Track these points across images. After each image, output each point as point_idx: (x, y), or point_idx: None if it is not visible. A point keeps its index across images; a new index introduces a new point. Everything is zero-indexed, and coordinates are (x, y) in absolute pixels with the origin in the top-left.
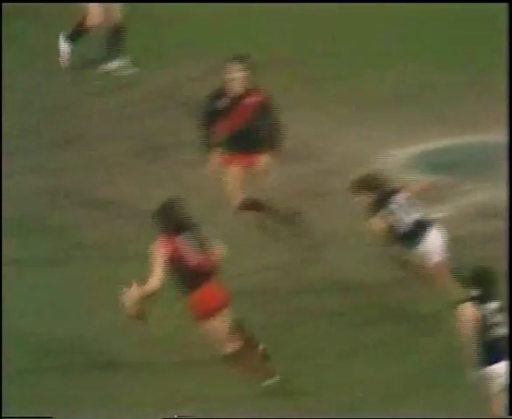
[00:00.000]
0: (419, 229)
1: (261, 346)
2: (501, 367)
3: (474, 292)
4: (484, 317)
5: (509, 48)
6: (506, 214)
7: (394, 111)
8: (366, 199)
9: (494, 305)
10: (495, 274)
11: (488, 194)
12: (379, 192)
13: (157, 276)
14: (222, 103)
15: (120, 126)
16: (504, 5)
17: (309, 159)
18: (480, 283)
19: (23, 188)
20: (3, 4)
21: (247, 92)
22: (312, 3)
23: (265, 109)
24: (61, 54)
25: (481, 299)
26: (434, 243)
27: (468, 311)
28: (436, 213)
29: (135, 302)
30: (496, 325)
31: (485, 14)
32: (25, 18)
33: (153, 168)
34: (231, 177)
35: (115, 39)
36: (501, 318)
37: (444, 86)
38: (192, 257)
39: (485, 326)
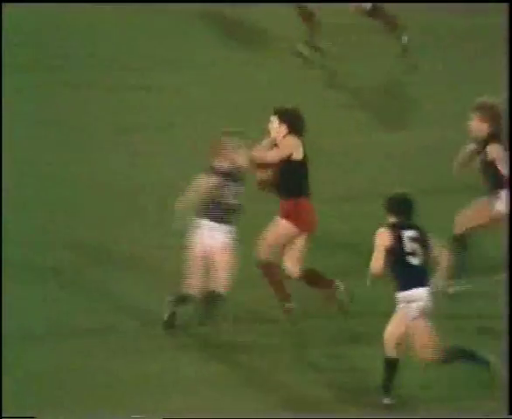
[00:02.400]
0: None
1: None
2: (418, 292)
3: (392, 219)
4: (402, 244)
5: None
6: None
7: None
8: None
9: (410, 233)
10: (412, 202)
11: None
12: None
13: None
14: None
15: None
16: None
17: None
18: (398, 210)
19: None
20: None
21: None
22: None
23: None
24: None
25: (399, 226)
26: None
27: (384, 235)
28: None
29: None
30: (413, 253)
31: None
32: None
33: None
34: None
35: None
36: (418, 247)
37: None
38: None
39: (402, 252)
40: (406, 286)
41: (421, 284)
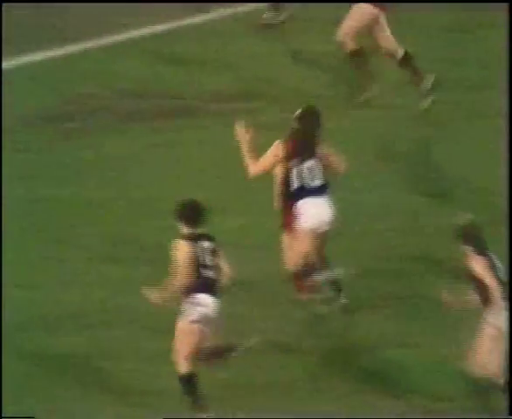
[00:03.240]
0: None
1: None
2: (205, 297)
3: (185, 229)
4: (198, 255)
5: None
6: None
7: None
8: None
9: (206, 244)
10: (202, 210)
11: None
12: None
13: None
14: None
15: None
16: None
17: None
18: (189, 219)
19: None
20: None
21: None
22: None
23: None
24: None
25: (196, 238)
26: None
27: (181, 246)
28: None
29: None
30: (207, 266)
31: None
32: None
33: None
34: None
35: None
36: (211, 259)
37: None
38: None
39: (198, 264)
40: (194, 291)
41: (209, 292)
